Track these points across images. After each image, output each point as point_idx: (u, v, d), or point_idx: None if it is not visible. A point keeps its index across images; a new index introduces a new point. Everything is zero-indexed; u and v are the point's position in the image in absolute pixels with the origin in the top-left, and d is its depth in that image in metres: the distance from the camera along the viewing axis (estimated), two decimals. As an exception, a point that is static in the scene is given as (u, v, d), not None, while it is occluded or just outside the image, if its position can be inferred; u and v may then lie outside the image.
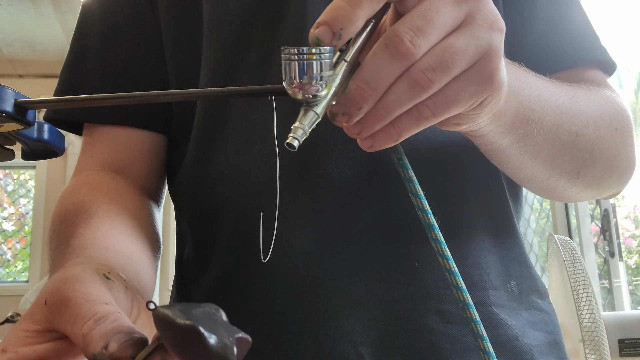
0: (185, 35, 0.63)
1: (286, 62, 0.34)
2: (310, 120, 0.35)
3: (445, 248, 0.42)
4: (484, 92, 0.37)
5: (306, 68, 0.33)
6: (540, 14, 0.62)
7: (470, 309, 0.42)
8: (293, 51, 0.33)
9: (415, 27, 0.34)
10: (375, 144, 0.38)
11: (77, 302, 0.32)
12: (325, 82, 0.34)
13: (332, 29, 0.34)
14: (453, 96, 0.36)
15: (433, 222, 0.42)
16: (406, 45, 0.34)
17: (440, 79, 0.35)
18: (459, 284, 0.42)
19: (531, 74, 0.50)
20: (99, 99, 0.38)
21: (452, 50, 0.35)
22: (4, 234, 4.56)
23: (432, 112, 0.36)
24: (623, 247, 1.91)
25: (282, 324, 0.52)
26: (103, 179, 0.60)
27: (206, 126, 0.60)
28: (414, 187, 0.42)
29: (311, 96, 0.34)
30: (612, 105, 0.58)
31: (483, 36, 0.36)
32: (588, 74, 0.62)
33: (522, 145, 0.49)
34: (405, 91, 0.35)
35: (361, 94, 0.35)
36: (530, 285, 0.59)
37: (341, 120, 0.36)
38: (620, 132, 0.57)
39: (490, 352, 0.42)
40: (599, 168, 0.55)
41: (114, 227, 0.52)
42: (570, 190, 0.57)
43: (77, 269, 0.35)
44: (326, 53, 0.33)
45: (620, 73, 2.42)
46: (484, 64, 0.36)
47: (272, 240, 0.52)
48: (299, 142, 0.34)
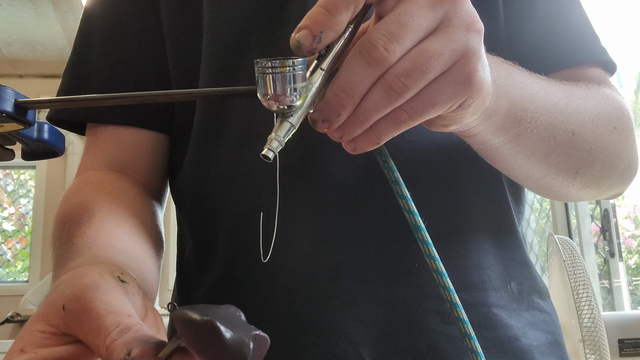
0: (187, 35, 0.63)
1: (259, 75, 0.34)
2: (285, 131, 0.35)
3: (432, 249, 0.42)
4: (462, 94, 0.37)
5: (279, 81, 0.34)
6: (540, 13, 0.62)
7: (458, 309, 0.43)
8: (266, 64, 0.34)
9: (389, 32, 0.34)
10: (357, 147, 0.38)
11: (99, 312, 0.32)
12: (299, 93, 0.34)
13: (312, 32, 0.34)
14: (430, 100, 0.36)
15: (420, 223, 0.42)
16: (379, 51, 0.34)
17: (415, 84, 0.35)
18: (446, 284, 0.42)
19: (525, 73, 0.49)
20: (99, 99, 0.38)
21: (427, 54, 0.35)
22: (4, 234, 4.56)
23: (409, 116, 0.36)
24: (623, 247, 1.91)
25: (282, 324, 0.52)
26: (106, 178, 0.60)
27: (206, 126, 0.60)
28: (400, 189, 0.42)
29: (286, 107, 0.35)
30: (611, 103, 0.58)
31: (459, 38, 0.35)
32: (588, 72, 0.61)
33: (515, 144, 0.49)
34: (381, 97, 0.35)
35: (338, 101, 0.35)
36: (530, 286, 0.59)
37: (322, 126, 0.36)
38: (619, 131, 0.57)
39: (478, 351, 0.42)
40: (598, 167, 0.55)
41: (117, 225, 0.52)
42: (568, 189, 0.57)
43: (94, 274, 0.35)
44: (299, 65, 0.34)
45: (620, 73, 2.42)
46: (461, 67, 0.36)
47: (272, 240, 0.52)
48: (274, 154, 0.35)
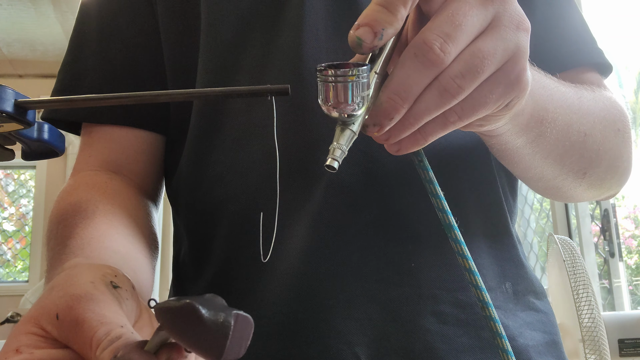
0: (184, 35, 0.63)
1: (322, 83, 0.33)
2: (347, 139, 0.35)
3: (464, 248, 0.42)
4: (512, 93, 0.36)
5: (343, 90, 0.33)
6: (537, 16, 0.62)
7: (490, 308, 0.42)
8: (330, 72, 0.33)
9: (444, 33, 0.33)
10: (402, 149, 0.38)
11: (92, 324, 0.32)
12: (362, 101, 0.33)
13: (373, 29, 0.33)
14: (481, 100, 0.36)
15: (453, 222, 0.42)
16: (436, 53, 0.33)
17: (469, 85, 0.34)
18: (479, 283, 0.42)
19: (542, 73, 0.49)
20: (99, 98, 0.38)
21: (481, 55, 0.34)
22: (4, 234, 4.56)
23: (459, 117, 0.36)
24: (623, 247, 1.91)
25: (278, 323, 0.52)
26: (101, 178, 0.60)
27: (203, 126, 0.60)
28: (434, 188, 0.42)
29: (347, 115, 0.34)
30: (614, 106, 0.58)
31: (510, 37, 0.35)
32: (586, 76, 0.62)
33: (535, 145, 0.49)
34: (434, 99, 0.35)
35: (393, 105, 0.34)
36: (526, 286, 0.59)
37: (372, 130, 0.36)
38: (622, 133, 0.58)
39: (509, 350, 0.42)
40: (603, 168, 0.56)
41: (111, 226, 0.52)
42: (575, 190, 0.57)
43: (87, 284, 0.35)
44: (364, 73, 0.33)
45: (620, 73, 2.42)
46: (512, 66, 0.36)
47: (271, 240, 0.52)
48: (338, 163, 0.34)
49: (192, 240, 0.61)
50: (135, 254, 0.51)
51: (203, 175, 0.59)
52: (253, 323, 0.29)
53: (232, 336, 0.27)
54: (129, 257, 0.49)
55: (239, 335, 0.28)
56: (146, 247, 0.55)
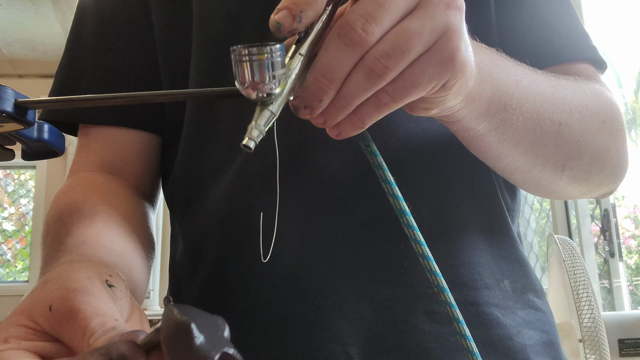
0: (176, 34, 0.63)
1: (236, 63, 0.33)
2: (266, 119, 0.34)
3: (417, 233, 0.41)
4: (445, 73, 0.36)
5: (257, 68, 0.33)
6: (529, 10, 0.62)
7: (445, 293, 0.42)
8: (243, 52, 0.33)
9: (367, 13, 0.33)
10: (342, 132, 0.37)
11: (86, 315, 0.32)
12: (278, 80, 0.33)
13: (291, 12, 0.33)
14: (412, 80, 0.35)
15: (405, 207, 0.41)
16: (358, 33, 0.33)
17: (396, 65, 0.34)
18: (433, 268, 0.41)
19: (510, 60, 0.49)
20: (99, 98, 0.38)
21: (407, 34, 0.34)
22: (4, 234, 4.56)
23: (392, 98, 0.36)
24: (623, 247, 1.91)
25: (271, 324, 0.52)
26: (97, 180, 0.60)
27: (197, 126, 0.60)
28: (383, 174, 0.41)
29: (265, 95, 0.34)
30: (600, 97, 0.57)
31: (439, 16, 0.35)
32: (578, 68, 0.61)
33: (501, 132, 0.48)
34: (361, 80, 0.34)
35: (319, 86, 0.34)
36: (524, 284, 0.59)
37: (304, 112, 0.35)
38: (609, 125, 0.56)
39: (474, 351, 0.42)
40: (586, 161, 0.54)
41: (107, 226, 0.52)
42: (557, 184, 0.56)
43: (83, 279, 0.35)
44: (277, 52, 0.33)
45: (619, 73, 2.42)
46: (443, 45, 0.35)
47: (271, 240, 0.52)
48: (255, 143, 0.34)
49: (188, 240, 0.61)
50: (130, 254, 0.51)
51: (197, 174, 0.59)
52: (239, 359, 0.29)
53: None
54: (124, 256, 0.49)
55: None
56: (142, 248, 0.55)
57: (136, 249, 0.53)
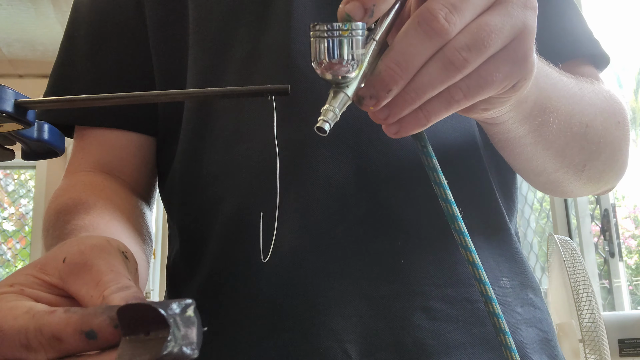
0: (171, 34, 0.63)
1: (315, 40, 0.31)
2: (341, 102, 0.33)
3: (468, 240, 0.40)
4: (519, 73, 0.35)
5: (337, 46, 0.31)
6: None
7: (494, 304, 0.41)
8: (323, 27, 0.31)
9: (450, 3, 0.32)
10: (402, 130, 0.36)
11: (101, 269, 0.32)
12: (357, 61, 0.32)
13: (364, 5, 0.32)
14: (487, 77, 0.34)
15: (456, 212, 0.40)
16: (441, 22, 0.32)
17: (475, 59, 0.33)
18: (482, 277, 0.40)
19: (544, 61, 0.49)
20: (100, 99, 0.38)
21: (488, 29, 0.33)
22: (4, 234, 4.56)
23: (464, 95, 0.35)
24: (623, 247, 1.91)
25: (269, 321, 0.52)
26: (96, 178, 0.61)
27: (195, 127, 0.60)
28: (437, 176, 0.40)
29: (341, 77, 0.32)
30: (614, 99, 0.58)
31: (518, 15, 0.34)
32: (582, 69, 0.62)
33: (538, 134, 0.48)
34: (438, 72, 0.33)
35: (391, 75, 0.33)
36: (522, 281, 0.59)
37: (368, 103, 0.34)
38: (622, 126, 0.57)
39: (512, 347, 0.41)
40: (602, 161, 0.55)
41: (113, 218, 0.53)
42: (574, 184, 0.57)
43: (103, 239, 0.35)
44: (358, 29, 0.31)
45: (619, 73, 2.42)
46: (519, 44, 0.35)
47: (271, 239, 0.52)
48: (329, 126, 0.32)
49: (185, 241, 0.61)
50: (133, 245, 0.52)
51: (197, 175, 0.59)
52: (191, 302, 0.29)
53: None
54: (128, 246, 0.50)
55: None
56: (141, 243, 0.56)
57: (137, 243, 0.54)
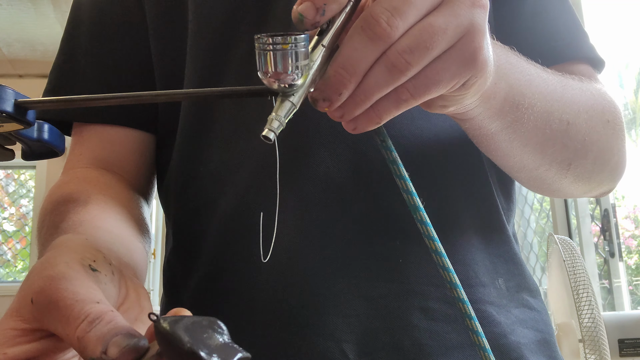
0: (172, 33, 0.63)
1: (260, 52, 0.32)
2: (286, 110, 0.34)
3: (431, 229, 0.41)
4: (467, 72, 0.36)
5: (281, 58, 0.32)
6: (528, 10, 0.62)
7: (458, 289, 0.41)
8: (267, 40, 0.32)
9: (392, 7, 0.33)
10: (358, 127, 0.37)
11: (66, 302, 0.31)
12: (301, 71, 0.33)
13: (315, 5, 0.33)
14: (433, 78, 0.35)
15: (418, 203, 0.41)
16: (382, 26, 0.33)
17: (418, 61, 0.34)
18: (446, 264, 0.41)
19: (522, 59, 0.49)
20: (100, 98, 0.38)
21: (431, 30, 0.33)
22: (5, 234, 4.56)
23: (412, 94, 0.35)
24: (623, 247, 1.90)
25: (266, 321, 0.52)
26: (92, 173, 0.61)
27: (193, 125, 0.60)
28: (398, 169, 0.41)
29: (287, 85, 0.33)
30: (603, 97, 0.58)
31: (464, 14, 0.34)
32: (578, 68, 0.61)
33: (512, 131, 0.48)
34: (383, 75, 0.34)
35: (340, 79, 0.34)
36: (519, 283, 0.59)
37: (322, 105, 0.35)
38: (612, 125, 0.57)
39: (486, 347, 0.42)
40: (590, 160, 0.55)
41: (103, 210, 0.52)
42: (560, 182, 0.56)
43: (61, 264, 0.34)
44: (301, 42, 0.32)
45: (620, 73, 2.42)
46: (466, 43, 0.35)
47: (271, 239, 0.52)
48: (275, 135, 0.33)
49: (182, 240, 0.61)
50: (127, 235, 0.51)
51: (195, 173, 0.59)
52: (250, 358, 0.29)
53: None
54: (121, 236, 0.49)
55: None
56: (138, 232, 0.55)
57: (132, 231, 0.53)
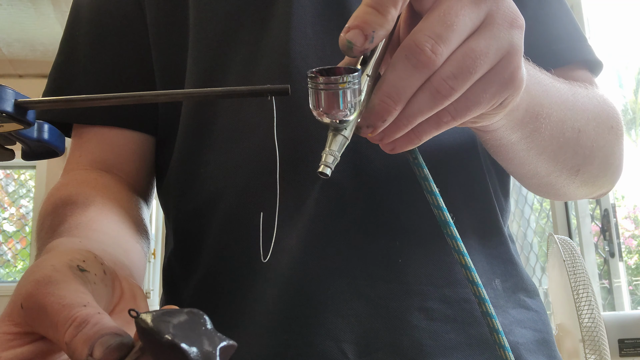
0: (172, 34, 0.63)
1: (313, 91, 0.32)
2: (340, 145, 0.34)
3: (461, 244, 0.42)
4: (506, 92, 0.36)
5: (335, 97, 0.32)
6: (527, 14, 0.62)
7: (487, 304, 0.42)
8: (321, 80, 0.32)
9: (435, 34, 0.33)
10: (396, 148, 0.38)
11: (53, 307, 0.31)
12: (354, 107, 0.33)
13: (364, 32, 0.33)
14: (474, 100, 0.35)
15: (448, 218, 0.42)
16: (427, 55, 0.33)
17: (462, 86, 0.34)
18: (475, 279, 0.42)
19: (537, 69, 0.49)
20: (100, 98, 0.38)
21: (474, 55, 0.34)
22: (5, 234, 4.56)
23: (452, 117, 0.36)
24: (623, 247, 1.90)
25: (266, 321, 0.52)
26: (91, 175, 0.61)
27: (193, 126, 0.60)
28: (429, 185, 0.42)
29: (339, 121, 0.34)
30: (607, 103, 0.59)
31: (504, 36, 0.35)
32: (577, 74, 0.62)
33: (530, 140, 0.49)
34: (426, 101, 0.34)
35: (385, 108, 0.34)
36: (515, 283, 0.59)
37: (366, 132, 0.36)
38: (615, 130, 0.58)
39: (505, 346, 0.42)
40: (596, 165, 0.56)
41: (101, 212, 0.52)
42: (568, 187, 0.57)
43: (48, 268, 0.34)
44: (355, 80, 0.32)
45: (620, 73, 2.42)
46: (506, 65, 0.35)
47: (271, 239, 0.52)
48: (330, 170, 0.34)
49: (182, 241, 0.61)
50: (125, 236, 0.51)
51: (194, 174, 0.59)
52: (236, 346, 0.29)
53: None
54: (119, 237, 0.50)
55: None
56: (137, 233, 0.55)
57: (130, 233, 0.53)
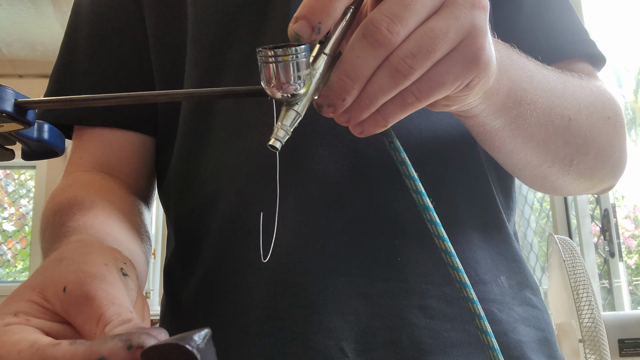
0: (170, 34, 0.63)
1: (262, 64, 0.33)
2: (291, 119, 0.35)
3: (440, 229, 0.41)
4: (470, 73, 0.36)
5: (282, 69, 0.33)
6: (528, 8, 0.62)
7: (468, 289, 0.41)
8: (268, 53, 0.33)
9: (393, 13, 0.33)
10: (365, 130, 0.38)
11: (102, 302, 0.32)
12: (303, 80, 0.34)
13: (310, 23, 0.33)
14: (437, 80, 0.35)
15: (428, 203, 0.41)
16: (383, 33, 0.33)
17: (421, 65, 0.34)
18: (456, 264, 0.41)
19: (523, 56, 0.49)
20: (100, 98, 0.38)
21: (432, 34, 0.34)
22: (4, 234, 4.56)
23: (417, 97, 0.36)
24: (623, 247, 1.91)
25: (265, 319, 0.52)
26: (94, 177, 0.61)
27: (192, 126, 0.60)
28: (407, 170, 0.41)
29: (290, 95, 0.34)
30: (604, 94, 0.58)
31: (465, 16, 0.35)
32: (578, 67, 0.62)
33: (515, 127, 0.48)
34: (386, 80, 0.34)
35: (343, 86, 0.34)
36: (520, 280, 0.59)
37: (327, 111, 0.36)
38: (613, 121, 0.57)
39: (495, 347, 0.42)
40: (592, 156, 0.55)
41: (109, 217, 0.52)
42: (563, 180, 0.57)
43: (100, 264, 0.34)
44: (302, 52, 0.33)
45: (619, 73, 2.43)
46: (468, 45, 0.35)
47: (271, 239, 0.52)
48: (281, 143, 0.34)
49: (181, 240, 0.61)
50: (130, 244, 0.52)
51: (194, 174, 0.59)
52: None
53: None
54: (125, 245, 0.50)
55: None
56: (140, 240, 0.56)
57: (135, 241, 0.54)
